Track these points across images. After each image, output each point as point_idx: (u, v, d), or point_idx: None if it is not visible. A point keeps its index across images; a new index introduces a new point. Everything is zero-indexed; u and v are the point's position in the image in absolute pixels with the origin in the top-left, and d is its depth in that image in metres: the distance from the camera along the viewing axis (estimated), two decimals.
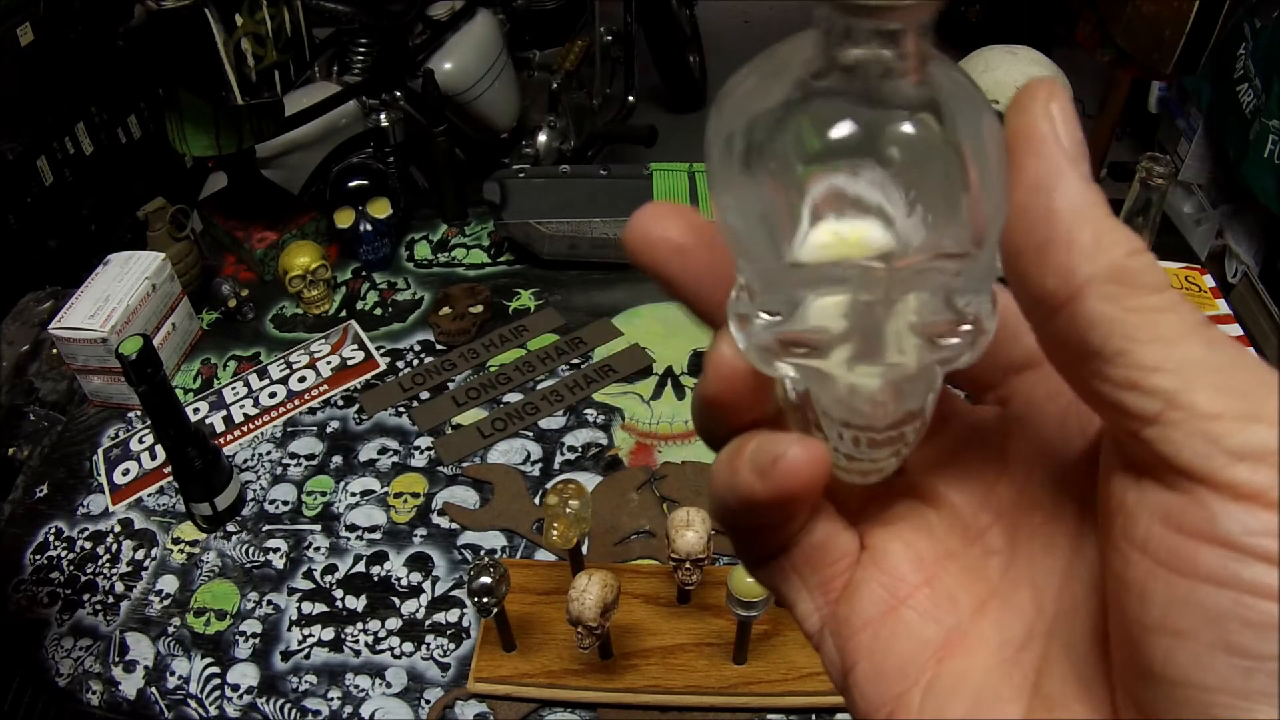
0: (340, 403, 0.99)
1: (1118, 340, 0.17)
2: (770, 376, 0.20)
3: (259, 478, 0.92)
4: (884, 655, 0.21)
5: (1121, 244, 0.17)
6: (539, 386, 0.98)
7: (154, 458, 0.94)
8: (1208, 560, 0.15)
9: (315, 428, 0.96)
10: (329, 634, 0.79)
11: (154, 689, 0.76)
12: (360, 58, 1.54)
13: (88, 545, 0.87)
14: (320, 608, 0.81)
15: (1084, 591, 0.19)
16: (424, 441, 0.94)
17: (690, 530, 0.68)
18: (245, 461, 0.93)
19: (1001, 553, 0.21)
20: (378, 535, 0.86)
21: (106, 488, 0.92)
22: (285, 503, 0.89)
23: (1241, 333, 0.95)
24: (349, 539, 0.86)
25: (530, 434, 0.94)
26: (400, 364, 1.03)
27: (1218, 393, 0.16)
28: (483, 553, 0.84)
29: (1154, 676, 0.16)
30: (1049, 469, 0.21)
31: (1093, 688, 0.18)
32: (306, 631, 0.79)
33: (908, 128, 0.18)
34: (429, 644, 0.78)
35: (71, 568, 0.86)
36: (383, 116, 1.47)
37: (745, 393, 0.21)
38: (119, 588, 0.84)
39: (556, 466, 0.91)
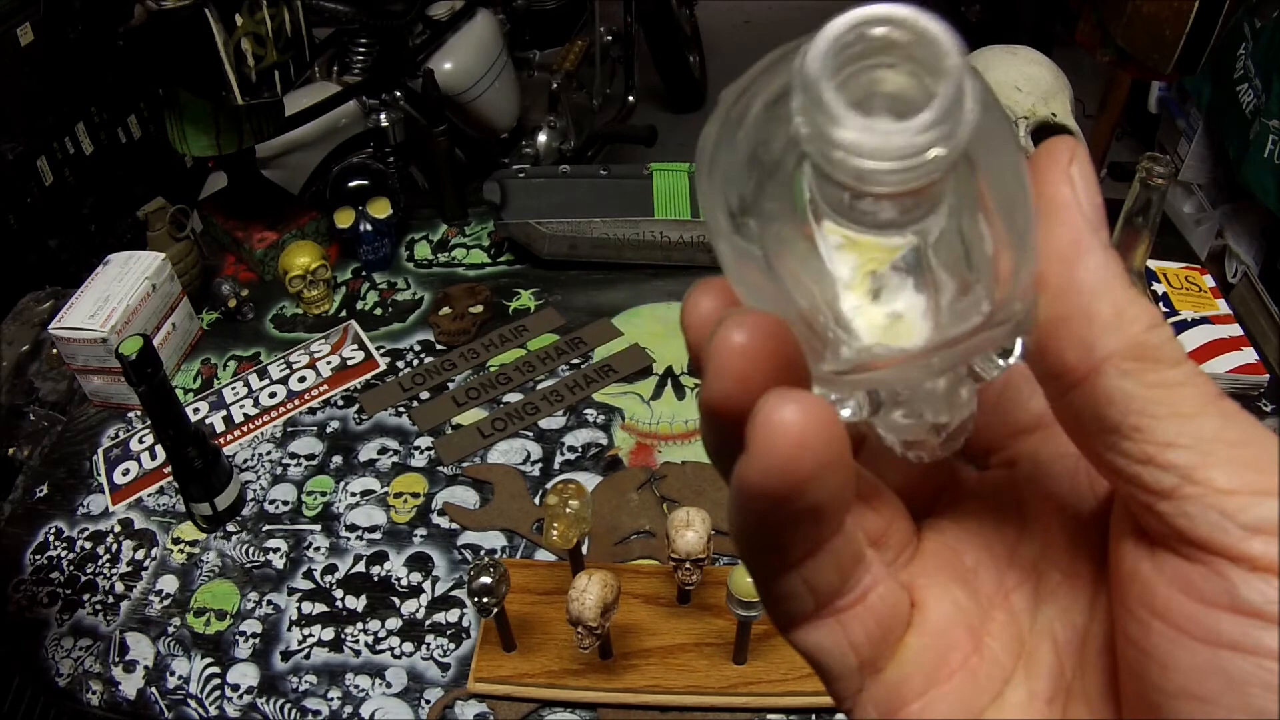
0: (340, 403, 0.99)
1: (1135, 416, 0.17)
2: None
3: (259, 478, 0.92)
4: None
5: (1141, 318, 0.17)
6: (539, 386, 0.98)
7: (154, 458, 0.94)
8: (1229, 628, 0.16)
9: (315, 428, 0.96)
10: (329, 634, 0.79)
11: (154, 689, 0.76)
12: (360, 58, 1.54)
13: (88, 545, 0.87)
14: (320, 608, 0.81)
15: (1097, 648, 0.20)
16: (424, 441, 0.94)
17: (690, 530, 0.68)
18: (245, 461, 0.93)
19: (1027, 611, 0.21)
20: (378, 535, 0.86)
21: (106, 488, 0.92)
22: (285, 503, 0.89)
23: (1241, 332, 0.95)
24: (349, 539, 0.86)
25: (530, 434, 0.94)
26: (400, 364, 1.03)
27: (1233, 468, 0.16)
28: (483, 553, 0.84)
29: None
30: (1064, 528, 0.21)
31: None
32: (306, 631, 0.79)
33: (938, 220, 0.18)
34: (429, 644, 0.78)
35: (71, 568, 0.86)
36: (383, 116, 1.47)
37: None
38: (119, 588, 0.84)
39: (556, 466, 0.91)
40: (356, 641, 0.78)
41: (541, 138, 1.93)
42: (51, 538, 0.88)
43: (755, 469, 0.16)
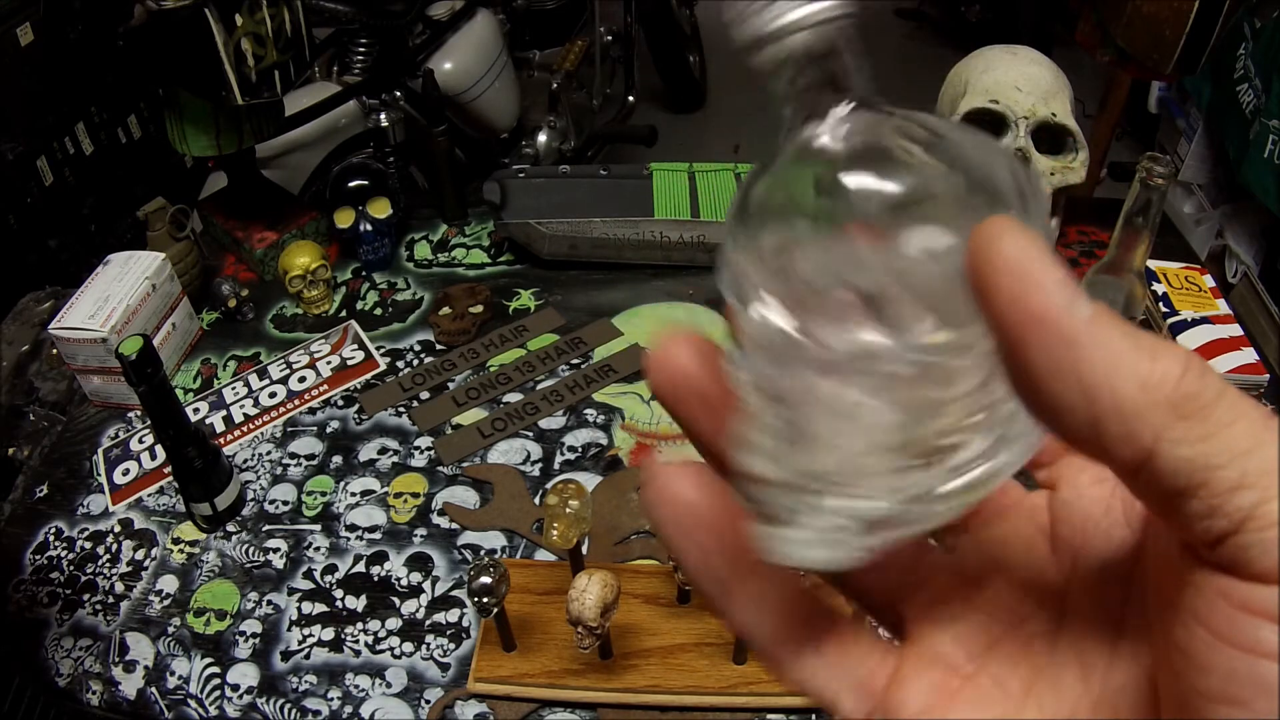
0: (340, 403, 0.99)
1: (1200, 474, 0.16)
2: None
3: (259, 478, 0.92)
4: None
5: (1170, 372, 0.16)
6: (539, 386, 0.98)
7: (154, 458, 0.94)
8: (1267, 637, 0.16)
9: (315, 428, 0.96)
10: (329, 634, 0.79)
11: (154, 689, 0.76)
12: (360, 58, 1.54)
13: (88, 545, 0.87)
14: (320, 608, 0.81)
15: (1129, 674, 0.20)
16: (424, 441, 0.94)
17: None
18: (245, 461, 0.93)
19: (1047, 634, 0.22)
20: (378, 535, 0.86)
21: (106, 488, 0.92)
22: (285, 503, 0.89)
23: (1241, 332, 0.95)
24: (349, 539, 0.86)
25: (530, 434, 0.94)
26: (400, 364, 1.03)
27: None
28: (483, 553, 0.84)
29: None
30: (1095, 554, 0.22)
31: None
32: (306, 631, 0.79)
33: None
34: (429, 644, 0.78)
35: (71, 568, 0.86)
36: (383, 116, 1.47)
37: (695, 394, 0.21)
38: (119, 588, 0.84)
39: (556, 466, 0.91)
40: (356, 641, 0.78)
41: (541, 138, 1.93)
42: (51, 538, 0.88)
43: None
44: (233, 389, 1.01)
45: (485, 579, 0.66)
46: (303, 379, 1.02)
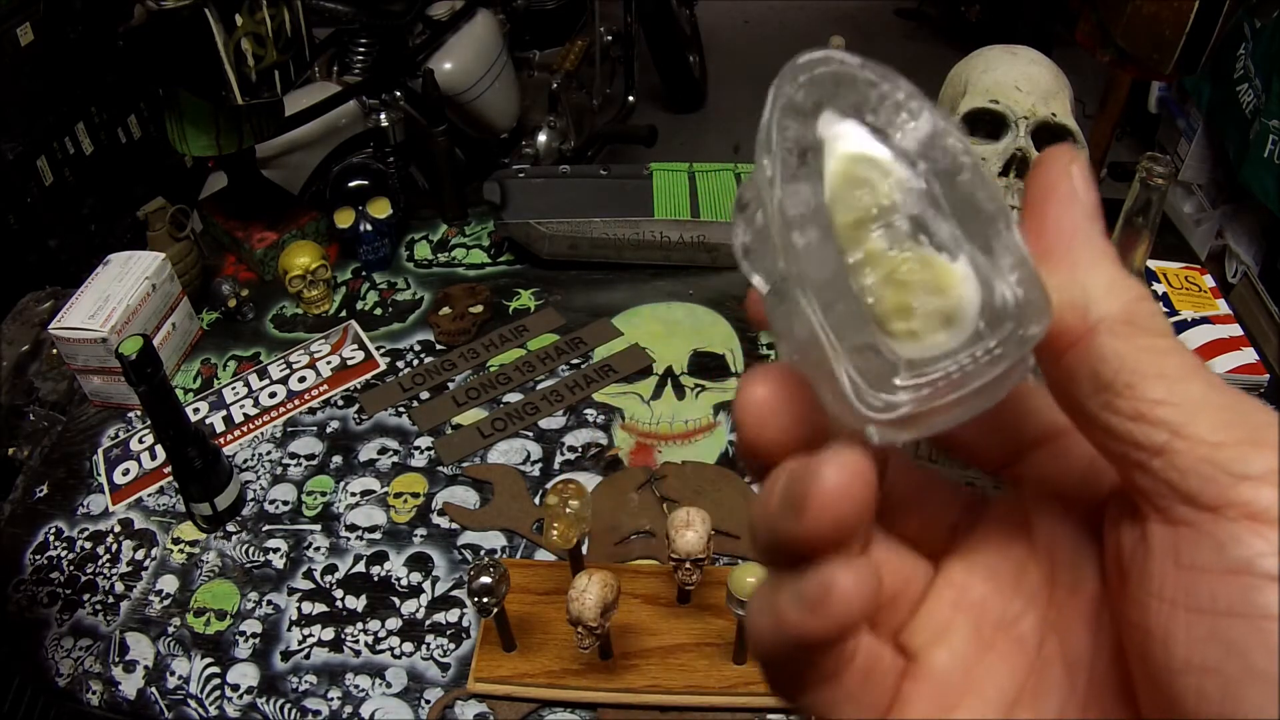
0: (340, 403, 0.99)
1: (1127, 374, 0.18)
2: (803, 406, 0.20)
3: (259, 478, 0.92)
4: None
5: (1131, 290, 0.19)
6: (539, 386, 0.98)
7: (154, 458, 0.94)
8: (1223, 593, 0.16)
9: (315, 428, 0.96)
10: (329, 634, 0.79)
11: (154, 689, 0.76)
12: (360, 58, 1.54)
13: (88, 545, 0.87)
14: (320, 608, 0.81)
15: (1109, 660, 0.20)
16: (424, 441, 0.94)
17: (690, 530, 0.68)
18: (245, 461, 0.93)
19: (1034, 634, 0.22)
20: (378, 535, 0.86)
21: (106, 488, 0.92)
22: (285, 503, 0.89)
23: (1241, 332, 0.95)
24: (349, 539, 0.86)
25: (530, 434, 0.94)
26: (400, 364, 1.03)
27: (1220, 424, 0.17)
28: (483, 553, 0.84)
29: (1189, 717, 0.16)
30: (1069, 545, 0.22)
31: None
32: (306, 631, 0.79)
33: None
34: (429, 644, 0.78)
35: (71, 568, 0.86)
36: (383, 116, 1.47)
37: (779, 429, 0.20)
38: (119, 588, 0.84)
39: (556, 466, 0.91)
40: (356, 641, 0.78)
41: (541, 138, 1.93)
42: (51, 538, 0.88)
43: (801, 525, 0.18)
44: (233, 389, 1.01)
45: (485, 579, 0.66)
46: (303, 379, 1.02)
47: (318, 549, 0.85)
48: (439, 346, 1.05)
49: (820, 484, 0.18)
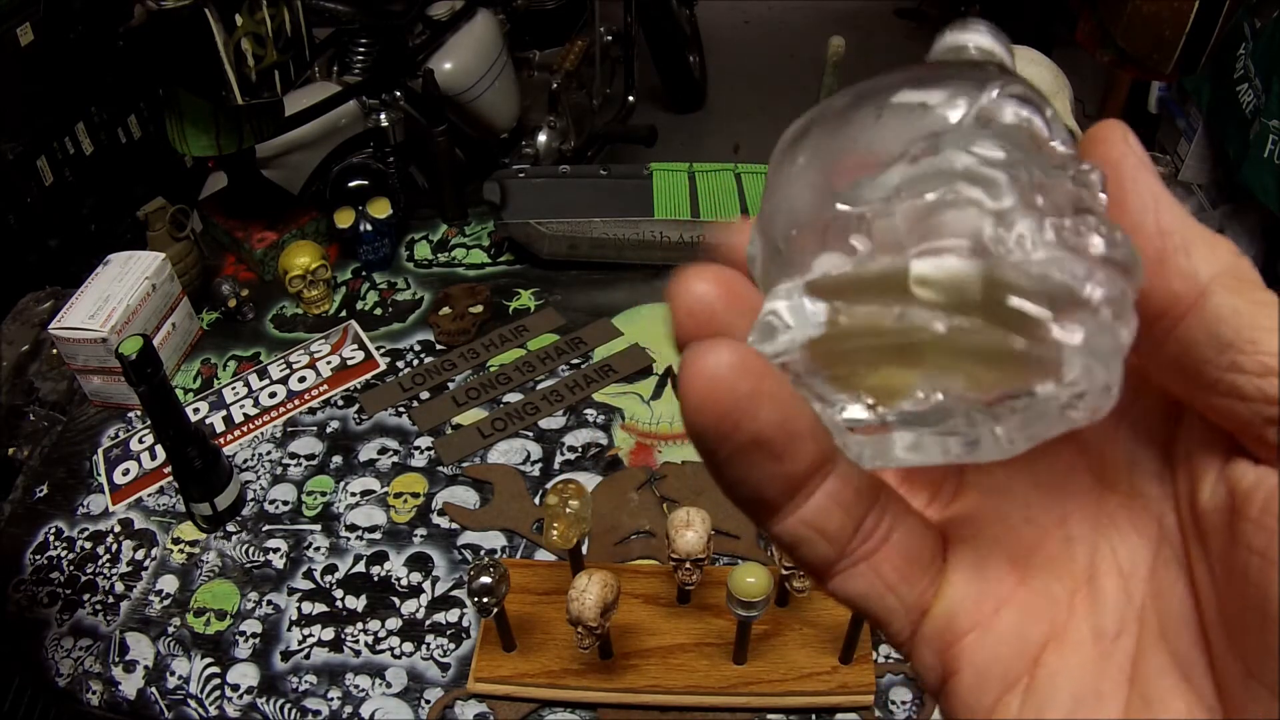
0: (340, 403, 0.99)
1: (1249, 330, 0.17)
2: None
3: (259, 478, 0.92)
4: (988, 662, 0.20)
5: (1228, 245, 0.18)
6: (539, 386, 0.98)
7: (154, 458, 0.94)
8: None
9: (315, 428, 0.96)
10: (329, 634, 0.79)
11: (154, 689, 0.76)
12: (360, 58, 1.54)
13: (88, 545, 0.87)
14: (320, 608, 0.81)
15: (1172, 575, 0.19)
16: (424, 441, 0.94)
17: (690, 530, 0.68)
18: (245, 461, 0.93)
19: (1085, 539, 0.21)
20: (378, 535, 0.86)
21: (106, 488, 0.92)
22: (285, 503, 0.89)
23: None
24: (349, 539, 0.86)
25: (530, 434, 0.94)
26: (400, 364, 1.03)
27: None
28: (483, 553, 0.84)
29: None
30: (1125, 447, 0.21)
31: (1191, 676, 0.18)
32: (306, 631, 0.79)
33: None
34: (429, 644, 0.78)
35: (71, 568, 0.86)
36: (383, 116, 1.47)
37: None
38: (119, 588, 0.84)
39: (556, 466, 0.91)
40: (356, 641, 0.78)
41: (541, 138, 1.93)
42: (51, 538, 0.88)
43: (686, 408, 0.18)
44: (233, 389, 1.01)
45: (485, 579, 0.66)
46: (303, 379, 1.02)
47: (318, 549, 0.85)
48: (439, 346, 1.05)
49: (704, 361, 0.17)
